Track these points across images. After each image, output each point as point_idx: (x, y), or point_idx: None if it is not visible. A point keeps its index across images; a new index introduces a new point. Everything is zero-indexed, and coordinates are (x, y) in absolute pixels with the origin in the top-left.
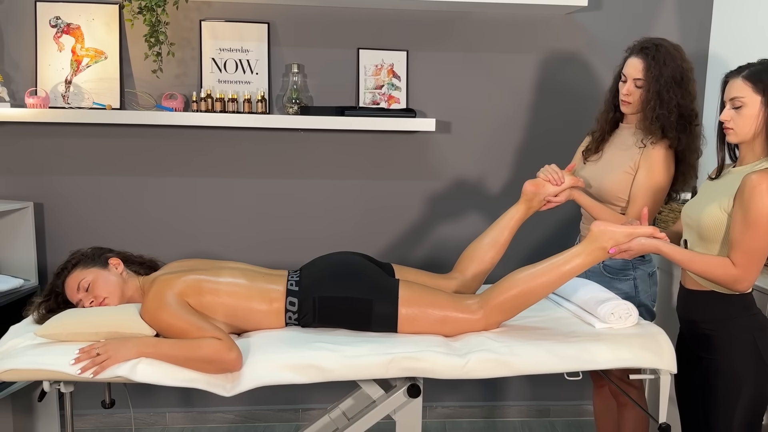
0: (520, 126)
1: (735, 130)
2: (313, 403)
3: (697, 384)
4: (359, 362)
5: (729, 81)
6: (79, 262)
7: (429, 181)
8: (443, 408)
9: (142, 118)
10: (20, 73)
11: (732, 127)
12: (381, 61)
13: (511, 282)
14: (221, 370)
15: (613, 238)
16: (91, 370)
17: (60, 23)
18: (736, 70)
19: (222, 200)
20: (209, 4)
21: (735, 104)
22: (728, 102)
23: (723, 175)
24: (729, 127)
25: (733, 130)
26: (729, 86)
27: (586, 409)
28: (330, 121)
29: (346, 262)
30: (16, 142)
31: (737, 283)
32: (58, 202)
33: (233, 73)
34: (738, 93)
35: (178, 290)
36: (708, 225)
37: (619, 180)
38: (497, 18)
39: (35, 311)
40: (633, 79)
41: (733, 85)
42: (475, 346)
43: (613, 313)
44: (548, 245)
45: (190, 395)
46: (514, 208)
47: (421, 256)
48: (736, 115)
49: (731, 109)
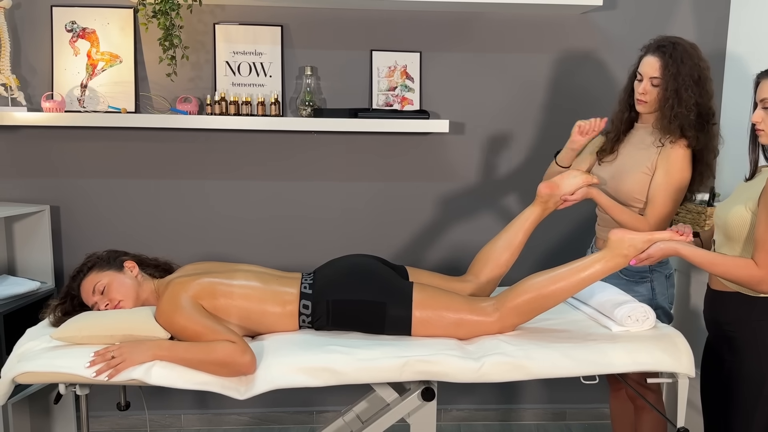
0: (535, 127)
1: (766, 130)
2: (328, 406)
3: (720, 386)
4: (373, 365)
5: (761, 81)
6: (95, 265)
7: (442, 183)
8: (458, 411)
9: (156, 121)
10: (37, 78)
11: (763, 128)
12: (394, 63)
13: (528, 285)
14: (235, 373)
15: (633, 245)
16: (106, 372)
17: (75, 28)
18: (766, 70)
19: (236, 202)
20: (223, 8)
21: (765, 104)
22: (759, 103)
23: (756, 176)
24: (761, 129)
25: (764, 131)
26: (761, 87)
27: (603, 412)
28: (343, 123)
29: (359, 265)
30: (33, 145)
31: (761, 284)
32: (74, 205)
33: (247, 75)
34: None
35: (192, 293)
36: (733, 224)
37: (636, 180)
38: (511, 18)
39: (51, 314)
40: (649, 77)
41: (764, 85)
42: (490, 349)
43: (630, 316)
44: (563, 248)
45: (205, 397)
46: (528, 209)
47: (435, 258)
48: (766, 116)
49: (762, 110)
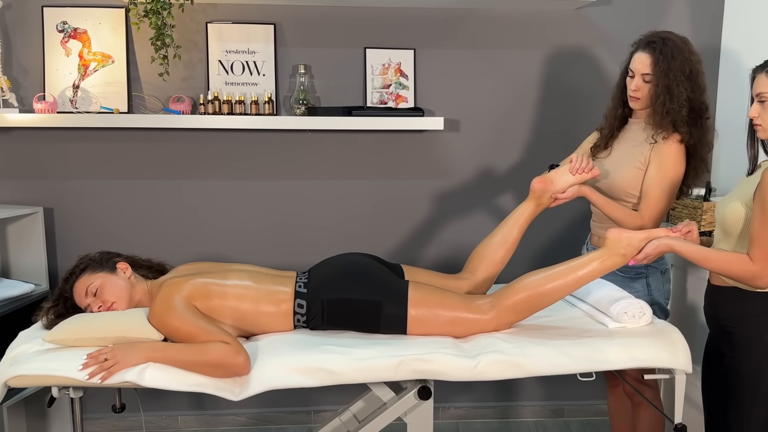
0: (529, 123)
1: (763, 125)
2: (325, 405)
3: (720, 382)
4: (369, 365)
5: (756, 76)
6: (87, 267)
7: (437, 180)
8: (456, 409)
9: (149, 121)
10: (28, 79)
11: (760, 123)
12: (388, 60)
13: (525, 284)
14: (229, 374)
15: (630, 244)
16: (99, 375)
17: (67, 28)
18: (762, 64)
19: (230, 202)
20: (215, 6)
21: (761, 99)
22: (756, 98)
23: (756, 171)
24: (758, 123)
25: (761, 126)
26: (756, 82)
27: (601, 408)
28: (338, 121)
29: (354, 264)
30: (26, 147)
31: (756, 279)
32: (67, 207)
33: (240, 74)
34: (763, 88)
35: (185, 294)
36: (729, 219)
37: (629, 176)
38: (505, 14)
39: (44, 316)
40: (641, 74)
41: (759, 80)
42: (486, 347)
43: (626, 312)
44: (558, 244)
45: (201, 398)
46: (522, 205)
47: (430, 256)
48: (763, 110)
49: (758, 105)
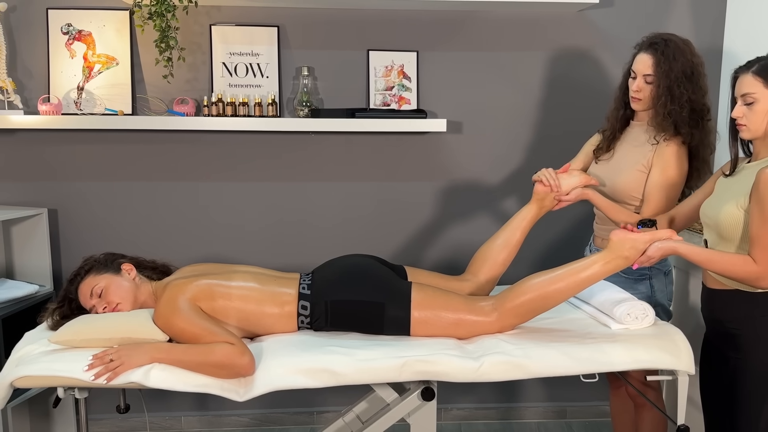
0: (532, 125)
1: (748, 126)
2: (329, 406)
3: (723, 384)
4: (372, 366)
5: (739, 77)
6: (92, 268)
7: (440, 182)
8: (459, 410)
9: (153, 123)
10: (33, 81)
11: (745, 123)
12: (391, 62)
13: (528, 286)
14: (234, 375)
15: (634, 246)
16: (104, 376)
17: (71, 30)
18: (745, 65)
19: (234, 204)
20: (219, 9)
21: (747, 100)
22: (739, 98)
23: (737, 171)
24: (742, 124)
25: (746, 126)
26: (739, 82)
27: (604, 409)
28: (341, 123)
29: (358, 265)
30: (30, 148)
31: (760, 280)
32: (72, 208)
33: (244, 76)
34: (749, 89)
35: (190, 295)
36: (726, 224)
37: (632, 179)
38: (507, 16)
39: (49, 317)
40: (643, 75)
41: (743, 80)
42: (489, 348)
43: (629, 313)
44: (561, 246)
45: (205, 399)
46: (525, 208)
47: (433, 257)
48: (748, 111)
49: (743, 106)
